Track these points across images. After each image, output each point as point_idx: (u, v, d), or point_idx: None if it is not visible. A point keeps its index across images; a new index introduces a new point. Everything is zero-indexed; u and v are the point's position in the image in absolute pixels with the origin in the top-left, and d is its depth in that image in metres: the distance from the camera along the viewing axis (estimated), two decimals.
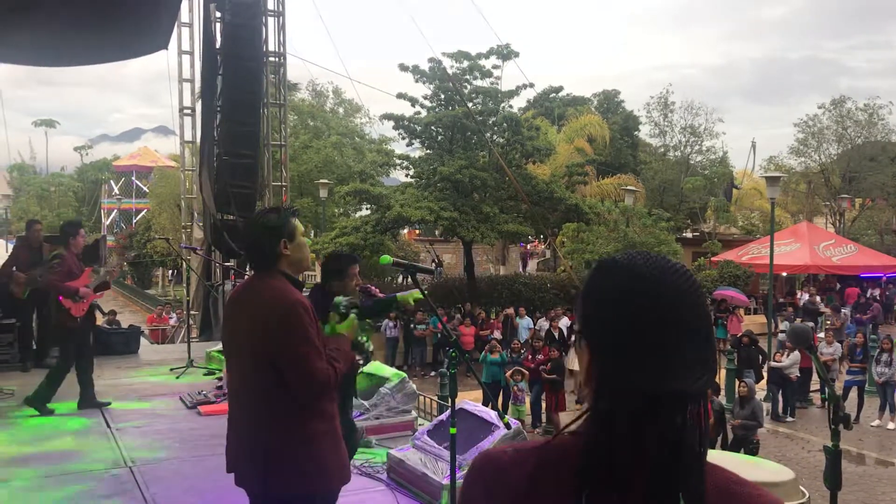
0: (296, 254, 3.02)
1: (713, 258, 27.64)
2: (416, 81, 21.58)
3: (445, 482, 4.39)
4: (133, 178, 51.45)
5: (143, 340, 13.11)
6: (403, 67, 21.28)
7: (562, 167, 24.91)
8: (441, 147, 21.75)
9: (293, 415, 2.89)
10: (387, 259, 4.00)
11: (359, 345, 3.71)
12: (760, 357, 14.00)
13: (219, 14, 10.56)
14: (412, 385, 6.64)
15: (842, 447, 4.10)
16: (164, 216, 34.32)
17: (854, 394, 13.66)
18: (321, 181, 24.60)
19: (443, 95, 21.49)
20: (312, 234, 26.07)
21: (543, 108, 34.18)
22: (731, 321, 18.49)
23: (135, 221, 45.80)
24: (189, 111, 12.71)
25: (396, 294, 4.29)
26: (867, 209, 36.38)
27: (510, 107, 22.86)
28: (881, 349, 13.32)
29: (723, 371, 13.25)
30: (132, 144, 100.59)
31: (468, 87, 21.71)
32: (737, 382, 11.46)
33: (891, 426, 12.80)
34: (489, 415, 5.13)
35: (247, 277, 6.50)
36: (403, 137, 22.51)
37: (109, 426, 6.64)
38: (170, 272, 38.99)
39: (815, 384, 14.39)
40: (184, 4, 11.44)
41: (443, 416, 5.51)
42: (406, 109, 21.85)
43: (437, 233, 29.63)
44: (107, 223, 49.49)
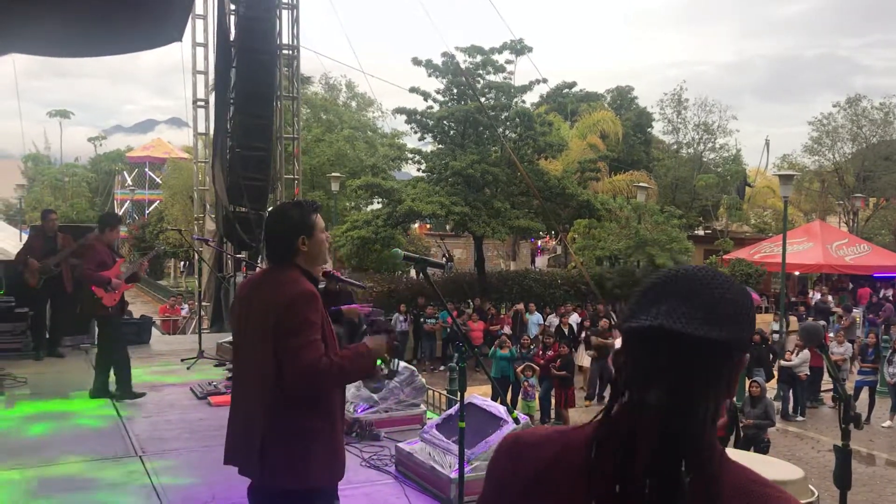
0: (313, 250, 3.02)
1: (725, 256, 27.53)
2: (429, 76, 21.54)
3: (454, 476, 4.39)
4: (146, 170, 51.69)
5: (155, 331, 13.19)
6: (416, 62, 21.25)
7: (574, 163, 24.80)
8: (453, 142, 21.70)
9: (290, 406, 2.89)
10: (397, 253, 3.96)
11: (386, 361, 3.58)
12: (771, 356, 13.95)
13: (233, 6, 10.57)
14: (421, 379, 6.64)
15: (852, 447, 4.08)
16: (177, 207, 34.51)
17: (865, 394, 13.59)
18: (333, 174, 24.57)
19: (455, 90, 21.41)
20: None
21: (556, 104, 34.00)
22: None
23: (147, 212, 46.04)
24: (202, 103, 12.70)
25: (342, 307, 3.90)
26: (881, 209, 36.04)
27: (523, 102, 22.75)
28: (893, 350, 13.24)
29: None
30: (146, 136, 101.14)
31: (481, 82, 21.62)
32: (747, 381, 11.43)
33: None
34: (498, 409, 5.13)
35: (259, 269, 6.48)
36: (416, 132, 22.46)
37: (120, 415, 6.69)
38: (182, 263, 39.18)
39: (827, 384, 14.33)
40: None
41: (452, 410, 5.51)
42: (419, 104, 21.82)
43: (448, 227, 29.60)
44: (120, 214, 49.71)
